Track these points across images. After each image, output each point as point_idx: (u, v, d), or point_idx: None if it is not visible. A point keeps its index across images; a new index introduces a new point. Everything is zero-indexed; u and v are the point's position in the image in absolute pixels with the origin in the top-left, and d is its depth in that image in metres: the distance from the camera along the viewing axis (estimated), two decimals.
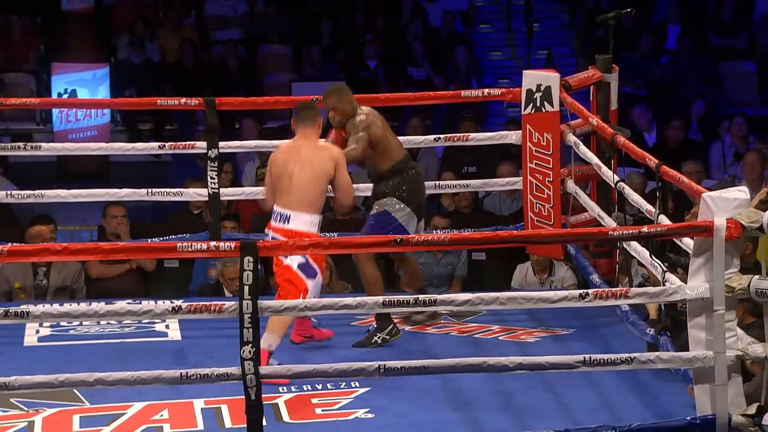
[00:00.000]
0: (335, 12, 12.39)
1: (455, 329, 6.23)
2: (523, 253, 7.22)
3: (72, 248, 4.61)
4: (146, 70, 11.77)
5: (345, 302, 4.68)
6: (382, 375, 4.66)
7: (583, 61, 10.81)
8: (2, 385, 4.50)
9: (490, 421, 5.03)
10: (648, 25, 12.40)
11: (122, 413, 5.04)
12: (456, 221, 7.73)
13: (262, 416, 4.62)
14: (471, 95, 7.19)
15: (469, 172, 9.39)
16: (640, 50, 11.82)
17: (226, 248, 4.64)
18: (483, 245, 6.45)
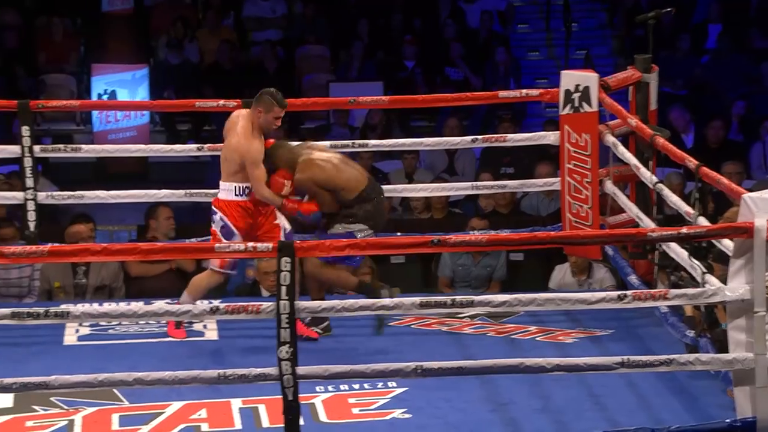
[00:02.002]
0: (373, 13, 12.40)
1: (492, 330, 6.21)
2: (560, 254, 7.20)
3: (111, 248, 4.64)
4: (185, 71, 11.83)
5: (382, 302, 4.68)
6: (419, 375, 4.66)
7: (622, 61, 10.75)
8: (42, 384, 4.54)
9: (527, 422, 5.02)
10: (688, 25, 12.31)
11: (160, 412, 5.07)
12: (493, 222, 7.71)
13: (299, 416, 4.63)
14: (509, 96, 7.17)
15: (506, 173, 9.37)
16: (679, 50, 11.74)
17: (263, 249, 4.65)
18: (520, 246, 6.45)
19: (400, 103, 7.87)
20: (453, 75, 11.89)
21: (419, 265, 7.80)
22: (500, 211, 8.40)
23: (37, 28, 12.07)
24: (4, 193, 7.30)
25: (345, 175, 5.88)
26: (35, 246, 4.64)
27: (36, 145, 6.67)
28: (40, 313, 4.56)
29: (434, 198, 8.23)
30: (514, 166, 9.49)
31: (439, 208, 8.38)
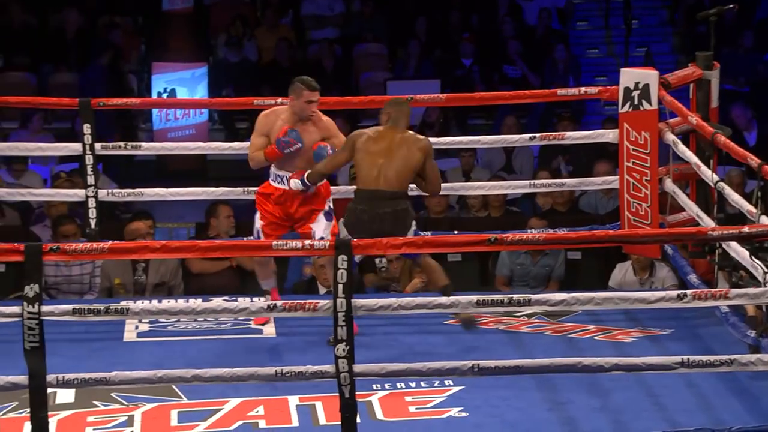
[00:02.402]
0: (431, 10, 12.39)
1: (550, 329, 6.18)
2: (619, 252, 7.14)
3: (170, 246, 4.68)
4: (243, 69, 11.90)
5: (439, 301, 4.68)
6: (476, 374, 4.65)
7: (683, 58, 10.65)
8: (103, 380, 4.59)
9: (585, 421, 4.98)
10: (751, 21, 12.15)
11: (219, 409, 5.11)
12: (551, 220, 7.67)
13: (356, 414, 4.64)
14: (567, 94, 7.13)
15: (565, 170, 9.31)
16: (742, 47, 11.59)
17: (320, 247, 4.66)
18: (579, 245, 6.41)
19: (457, 100, 7.86)
20: (511, 73, 11.84)
21: (476, 264, 7.78)
22: (558, 209, 8.35)
23: (99, 27, 12.20)
24: (66, 190, 7.40)
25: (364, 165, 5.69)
26: (96, 243, 4.69)
27: (97, 143, 6.75)
28: (101, 309, 4.61)
29: (491, 196, 8.20)
30: (572, 164, 9.43)
31: (496, 207, 8.35)
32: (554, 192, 8.13)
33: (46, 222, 8.21)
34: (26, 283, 4.44)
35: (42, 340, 4.46)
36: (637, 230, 6.35)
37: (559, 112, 10.36)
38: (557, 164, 9.61)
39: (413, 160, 5.66)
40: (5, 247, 4.55)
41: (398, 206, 5.62)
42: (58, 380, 4.54)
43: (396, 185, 5.63)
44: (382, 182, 5.62)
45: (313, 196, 5.86)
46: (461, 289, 7.07)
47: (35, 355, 4.46)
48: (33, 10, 12.15)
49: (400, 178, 5.64)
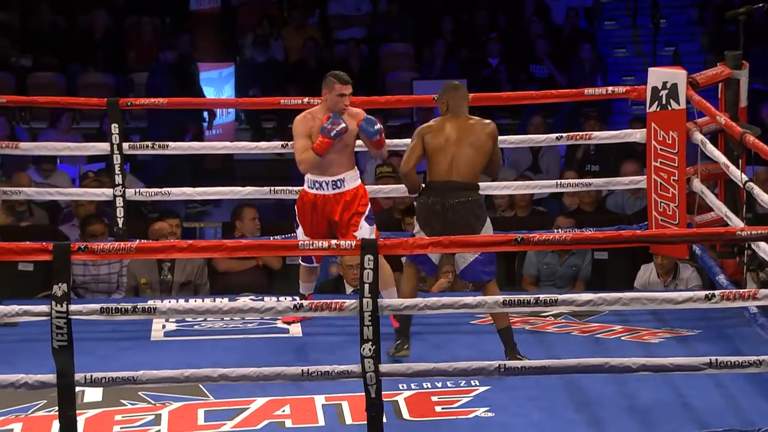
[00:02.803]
0: (457, 10, 12.37)
1: (576, 329, 6.16)
2: (646, 253, 7.11)
3: (197, 245, 4.70)
4: (270, 68, 11.93)
5: (465, 301, 4.67)
6: (502, 374, 4.64)
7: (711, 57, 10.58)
8: (130, 379, 4.61)
9: (612, 422, 4.96)
10: None
11: (245, 408, 5.12)
12: (578, 220, 7.65)
13: (382, 414, 4.64)
14: (594, 93, 7.10)
15: (591, 171, 9.28)
16: None
17: (347, 246, 4.66)
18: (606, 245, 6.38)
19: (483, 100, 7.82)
20: (538, 72, 11.81)
21: (503, 263, 7.77)
22: (585, 209, 8.33)
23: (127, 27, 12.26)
24: (94, 189, 7.44)
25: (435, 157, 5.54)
26: (123, 242, 4.72)
27: (125, 143, 6.78)
28: (128, 308, 4.63)
29: (518, 196, 8.19)
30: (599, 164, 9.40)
31: (522, 207, 8.33)
32: (581, 192, 8.11)
33: (74, 221, 8.25)
34: (54, 283, 4.47)
35: (70, 339, 4.49)
36: (665, 230, 6.32)
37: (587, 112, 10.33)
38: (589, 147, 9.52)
39: (484, 147, 5.54)
40: (34, 247, 4.58)
41: (471, 197, 5.48)
42: (86, 379, 4.57)
43: (468, 176, 5.49)
44: (454, 173, 5.49)
45: (353, 199, 5.80)
46: None
47: (63, 354, 4.48)
48: (61, 10, 12.23)
49: (472, 167, 5.51)
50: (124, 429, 4.99)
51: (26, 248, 4.60)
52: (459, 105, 5.62)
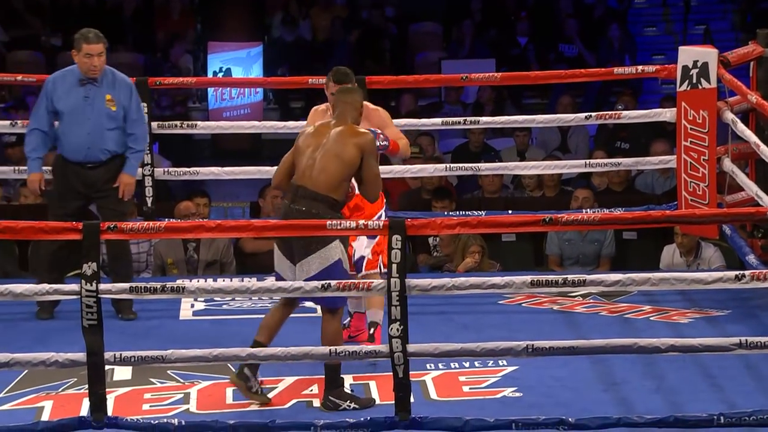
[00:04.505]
0: None
1: (605, 309, 6.14)
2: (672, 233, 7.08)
3: (225, 225, 4.71)
4: (298, 48, 11.92)
5: (492, 281, 4.66)
6: (530, 355, 4.63)
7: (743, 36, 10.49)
8: (159, 358, 4.63)
9: (640, 403, 4.95)
10: None
11: (273, 387, 5.13)
12: (607, 200, 7.61)
13: (410, 393, 4.65)
14: (624, 72, 7.06)
15: (621, 149, 9.23)
16: None
17: (374, 226, 4.66)
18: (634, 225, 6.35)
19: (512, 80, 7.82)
20: (567, 51, 11.75)
21: (530, 244, 7.75)
22: (614, 189, 8.29)
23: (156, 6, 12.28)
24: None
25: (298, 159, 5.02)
26: (152, 222, 4.73)
27: (153, 122, 6.79)
28: (157, 288, 4.64)
29: (546, 176, 8.16)
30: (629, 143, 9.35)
31: (551, 186, 8.30)
32: (610, 171, 8.07)
33: None
34: (84, 262, 4.49)
35: (100, 317, 4.51)
36: (695, 210, 6.28)
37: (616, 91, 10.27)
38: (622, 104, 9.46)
39: (348, 159, 4.91)
40: (64, 226, 4.61)
41: (315, 209, 4.87)
42: (116, 358, 4.59)
43: (321, 186, 4.89)
44: (307, 179, 4.92)
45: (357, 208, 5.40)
46: (516, 269, 7.07)
47: (93, 333, 4.51)
48: None
49: (328, 178, 4.90)
50: (153, 407, 5.03)
51: (56, 227, 4.62)
52: (344, 112, 5.06)
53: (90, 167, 6.03)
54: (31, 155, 6.20)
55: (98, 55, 5.96)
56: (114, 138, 6.01)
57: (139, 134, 6.09)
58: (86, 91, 5.99)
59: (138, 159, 6.13)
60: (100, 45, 5.98)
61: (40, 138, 6.11)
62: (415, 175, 7.29)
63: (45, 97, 6.06)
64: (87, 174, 6.02)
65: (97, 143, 5.99)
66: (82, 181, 6.02)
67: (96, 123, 5.98)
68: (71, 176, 6.04)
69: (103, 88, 6.01)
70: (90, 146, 5.99)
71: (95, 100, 5.99)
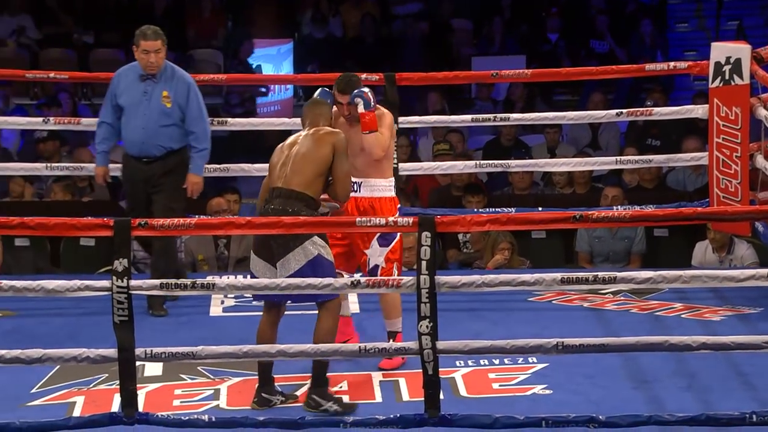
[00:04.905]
0: None
1: (636, 306, 6.11)
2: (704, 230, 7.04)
3: (255, 222, 4.72)
4: (328, 45, 11.92)
5: (522, 278, 4.65)
6: (560, 352, 4.61)
7: None
8: (190, 354, 4.65)
9: (671, 400, 4.93)
10: None
11: (303, 384, 5.14)
12: (638, 197, 7.57)
13: (439, 391, 4.64)
14: (656, 69, 7.01)
15: (652, 145, 9.18)
16: None
17: (404, 223, 4.66)
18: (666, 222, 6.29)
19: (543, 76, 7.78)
20: (598, 48, 11.69)
21: (561, 241, 7.72)
22: (645, 186, 8.25)
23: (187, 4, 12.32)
24: None
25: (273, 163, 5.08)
26: (183, 218, 4.74)
27: None
28: (187, 284, 4.66)
29: (577, 173, 8.12)
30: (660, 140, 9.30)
31: (581, 183, 8.27)
32: (641, 168, 8.03)
33: None
34: (115, 258, 4.51)
35: (131, 313, 4.53)
36: (727, 207, 6.24)
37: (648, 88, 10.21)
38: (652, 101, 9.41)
39: (319, 154, 4.97)
40: (95, 223, 4.63)
41: (288, 207, 4.90)
42: (147, 354, 4.61)
43: (296, 184, 4.93)
44: (282, 180, 4.97)
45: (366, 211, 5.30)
46: (546, 266, 7.05)
47: (124, 329, 4.53)
48: None
49: (302, 176, 4.94)
50: (184, 403, 5.05)
51: (87, 224, 4.64)
52: (315, 121, 5.13)
53: (146, 162, 6.13)
54: (98, 148, 6.36)
55: (155, 52, 6.05)
56: (169, 134, 6.10)
57: (200, 132, 6.16)
58: (145, 86, 6.10)
59: (203, 157, 6.20)
60: (157, 42, 6.07)
61: (107, 131, 6.23)
62: (444, 171, 7.28)
63: (110, 91, 6.20)
64: (143, 168, 6.13)
65: (151, 139, 6.09)
66: (140, 175, 6.13)
67: (150, 119, 6.08)
68: (132, 169, 6.18)
69: (160, 84, 6.10)
70: (144, 141, 6.10)
71: (152, 96, 6.09)
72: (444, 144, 8.70)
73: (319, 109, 5.21)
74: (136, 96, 6.11)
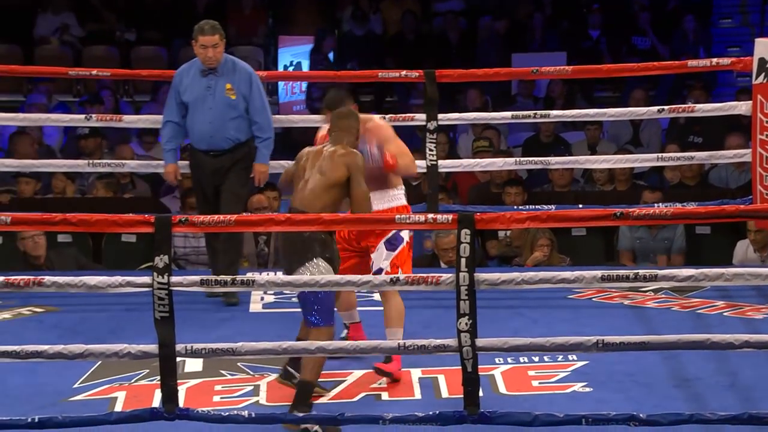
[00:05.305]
0: None
1: (677, 304, 6.08)
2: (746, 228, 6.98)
3: (294, 219, 4.73)
4: (368, 42, 11.92)
5: (563, 275, 4.63)
6: (600, 350, 4.59)
7: None
8: (230, 350, 4.67)
9: (713, 399, 4.89)
10: None
11: (342, 380, 5.15)
12: (679, 194, 7.52)
13: (478, 388, 4.63)
14: (698, 65, 6.96)
15: (694, 142, 9.11)
16: None
17: (443, 220, 4.65)
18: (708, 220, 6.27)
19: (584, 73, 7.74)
20: (640, 44, 11.61)
21: (601, 238, 7.69)
22: (687, 183, 8.19)
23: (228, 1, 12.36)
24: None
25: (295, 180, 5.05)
26: (223, 215, 4.76)
27: None
28: (227, 281, 4.68)
29: (618, 170, 8.08)
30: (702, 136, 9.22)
31: (622, 180, 8.22)
32: (683, 165, 7.97)
33: (175, 193, 8.38)
34: (156, 254, 4.54)
35: (171, 310, 4.56)
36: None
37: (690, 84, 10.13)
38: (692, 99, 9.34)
39: (334, 175, 4.92)
40: (136, 219, 4.66)
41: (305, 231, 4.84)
42: (187, 350, 4.64)
43: (309, 205, 4.91)
44: (298, 201, 4.97)
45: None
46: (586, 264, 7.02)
47: (165, 325, 4.56)
48: None
49: (316, 196, 4.92)
50: (224, 399, 5.07)
51: (129, 221, 4.68)
52: (339, 138, 5.05)
53: (214, 155, 6.20)
54: (165, 147, 6.45)
55: (213, 47, 6.14)
56: (236, 126, 6.19)
57: (263, 122, 6.25)
58: (208, 81, 6.18)
59: (268, 147, 6.31)
60: (215, 36, 6.15)
61: (173, 130, 6.31)
62: (484, 168, 7.25)
63: (174, 89, 6.30)
64: (212, 162, 6.21)
65: (219, 132, 6.17)
66: (209, 169, 6.21)
67: (217, 112, 6.16)
68: (201, 164, 6.26)
69: (223, 77, 6.18)
70: (213, 135, 6.18)
71: (216, 90, 6.17)
72: (483, 141, 8.68)
73: (346, 123, 5.08)
74: (200, 91, 6.20)
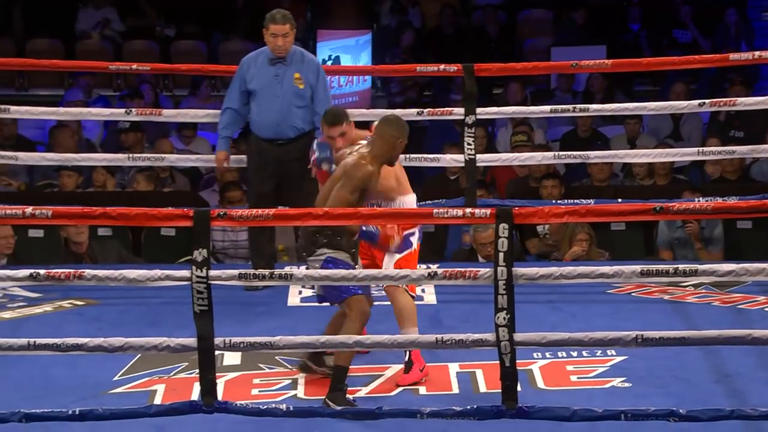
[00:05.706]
0: None
1: (717, 299, 6.03)
2: None
3: (332, 213, 4.74)
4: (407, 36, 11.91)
5: (601, 270, 4.61)
6: (639, 345, 4.57)
7: None
8: (268, 344, 4.68)
9: (754, 395, 4.85)
10: None
11: (380, 374, 5.16)
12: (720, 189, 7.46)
13: (516, 382, 4.62)
14: (740, 58, 6.90)
15: (735, 137, 9.03)
16: None
17: (481, 215, 4.64)
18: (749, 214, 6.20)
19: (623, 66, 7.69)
20: (681, 37, 11.52)
21: (640, 232, 7.64)
22: (727, 177, 8.12)
23: None
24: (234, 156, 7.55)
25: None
26: (261, 209, 4.78)
27: None
28: (266, 275, 4.70)
29: (657, 164, 8.02)
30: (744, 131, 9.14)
31: (662, 175, 8.16)
32: (724, 160, 7.90)
33: (214, 187, 8.42)
34: (195, 248, 4.56)
35: (210, 303, 4.58)
36: None
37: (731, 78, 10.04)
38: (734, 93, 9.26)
39: (335, 179, 4.98)
40: (175, 213, 4.68)
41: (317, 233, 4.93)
42: (226, 343, 4.66)
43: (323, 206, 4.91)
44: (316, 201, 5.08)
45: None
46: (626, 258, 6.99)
47: (204, 318, 4.58)
48: None
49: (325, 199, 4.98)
50: (262, 392, 5.09)
51: (168, 214, 4.70)
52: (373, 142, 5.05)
53: (279, 144, 6.23)
54: (221, 133, 6.45)
55: (283, 36, 6.18)
56: (302, 115, 6.22)
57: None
58: (276, 70, 6.22)
59: None
60: (286, 26, 6.20)
61: (231, 117, 6.35)
62: (523, 163, 7.23)
63: (239, 77, 6.31)
64: (277, 151, 6.25)
65: (286, 120, 6.21)
66: (273, 158, 6.23)
67: (285, 101, 6.20)
68: (263, 153, 6.27)
69: (291, 66, 6.22)
70: (279, 123, 6.22)
71: (284, 79, 6.20)
72: (522, 135, 8.65)
73: (380, 130, 5.03)
74: (267, 79, 6.23)
